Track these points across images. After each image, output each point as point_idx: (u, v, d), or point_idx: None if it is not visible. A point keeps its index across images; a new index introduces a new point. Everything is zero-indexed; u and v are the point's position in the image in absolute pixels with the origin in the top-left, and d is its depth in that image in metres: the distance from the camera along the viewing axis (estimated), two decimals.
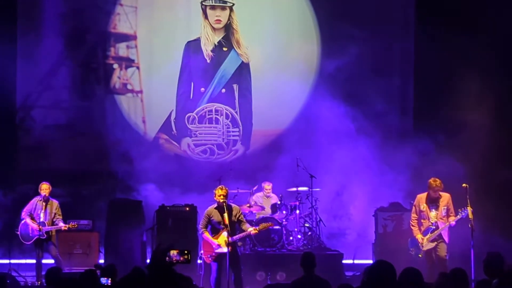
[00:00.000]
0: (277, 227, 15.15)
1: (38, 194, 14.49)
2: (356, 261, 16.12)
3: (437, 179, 13.33)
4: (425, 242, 13.32)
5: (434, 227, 13.29)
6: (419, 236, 13.37)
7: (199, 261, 14.57)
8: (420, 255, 13.36)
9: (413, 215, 13.58)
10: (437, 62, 16.98)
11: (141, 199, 16.12)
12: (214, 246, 12.48)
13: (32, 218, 14.25)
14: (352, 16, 17.81)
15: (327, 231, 16.12)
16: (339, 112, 16.84)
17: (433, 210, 13.36)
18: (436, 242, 13.30)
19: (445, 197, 13.37)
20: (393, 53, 18.25)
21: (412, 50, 18.08)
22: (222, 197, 12.49)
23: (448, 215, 13.29)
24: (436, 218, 13.30)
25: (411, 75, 18.15)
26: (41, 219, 14.20)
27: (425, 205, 13.42)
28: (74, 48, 17.92)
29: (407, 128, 17.69)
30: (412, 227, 13.57)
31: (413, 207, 13.65)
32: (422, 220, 13.44)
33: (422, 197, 13.54)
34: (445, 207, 13.32)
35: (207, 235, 12.61)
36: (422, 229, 13.41)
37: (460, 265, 10.43)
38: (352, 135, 16.64)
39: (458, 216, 13.13)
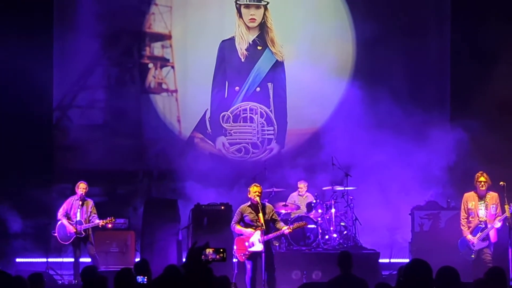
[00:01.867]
0: (312, 226, 15.14)
1: (74, 193, 14.59)
2: (392, 260, 16.05)
3: (484, 173, 13.19)
4: (476, 242, 13.15)
5: (483, 226, 13.13)
6: (469, 237, 13.21)
7: (234, 260, 14.59)
8: (472, 256, 13.19)
9: (463, 214, 13.40)
10: (474, 56, 16.85)
11: (176, 198, 16.18)
12: (247, 237, 12.43)
13: (69, 218, 14.36)
14: (387, 11, 17.74)
15: (363, 230, 16.03)
16: (374, 110, 16.77)
17: (482, 207, 13.20)
18: (487, 241, 13.14)
19: (493, 196, 13.24)
20: (429, 48, 18.13)
21: (448, 45, 17.95)
22: (257, 193, 12.48)
23: (496, 214, 13.12)
24: (485, 216, 13.15)
25: (447, 68, 18.01)
26: (78, 218, 14.30)
27: (473, 202, 13.26)
28: (109, 48, 18.04)
29: (444, 123, 17.48)
30: (462, 227, 13.39)
31: (462, 206, 13.47)
32: (470, 218, 13.28)
33: (469, 195, 13.40)
34: (494, 205, 13.16)
35: (239, 227, 12.58)
36: (471, 227, 13.24)
37: (499, 263, 10.37)
38: (387, 132, 16.49)
39: (504, 214, 12.98)
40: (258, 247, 12.35)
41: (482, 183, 13.13)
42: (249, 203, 12.69)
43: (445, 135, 16.77)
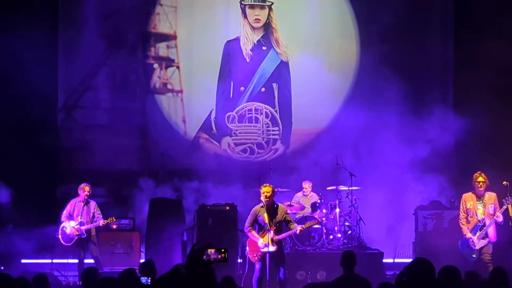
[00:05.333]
0: (317, 226, 15.14)
1: (78, 194, 14.63)
2: (396, 260, 16.05)
3: (482, 173, 13.22)
4: (476, 240, 13.16)
5: (481, 224, 13.15)
6: (469, 235, 13.22)
7: (239, 260, 14.61)
8: (474, 255, 13.18)
9: (461, 214, 13.43)
10: (478, 64, 16.80)
11: (182, 198, 16.20)
12: (260, 244, 12.45)
13: (72, 220, 14.39)
14: (390, 13, 17.73)
15: (367, 230, 16.04)
16: (378, 111, 16.75)
17: (480, 207, 13.22)
18: (487, 239, 13.15)
19: (492, 196, 13.27)
20: (432, 46, 18.12)
21: (452, 42, 17.98)
22: (265, 193, 12.47)
23: (495, 214, 13.14)
24: (484, 214, 13.16)
25: (451, 67, 18.03)
26: (80, 219, 14.33)
27: (471, 202, 13.29)
28: (114, 48, 18.06)
29: (447, 122, 17.43)
30: (461, 226, 13.41)
31: (460, 206, 13.52)
32: (469, 218, 13.31)
33: (468, 195, 13.43)
34: (492, 205, 13.20)
35: (253, 233, 12.58)
36: (470, 227, 13.26)
37: (502, 263, 10.37)
38: (392, 131, 16.52)
39: (503, 207, 13.00)
40: (271, 247, 12.38)
41: (481, 183, 13.17)
42: (262, 204, 12.70)
43: (448, 134, 16.78)
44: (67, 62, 17.91)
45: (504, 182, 13.15)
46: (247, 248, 12.81)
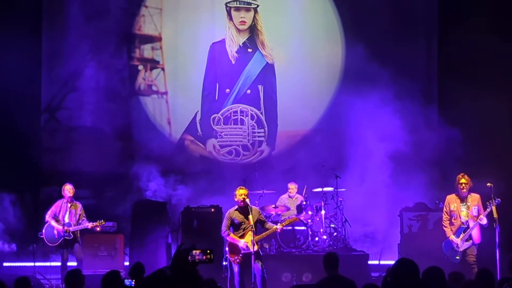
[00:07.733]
0: (302, 227, 15.14)
1: (62, 196, 14.51)
2: (382, 262, 16.05)
3: (465, 175, 13.24)
4: (460, 243, 13.16)
5: (465, 226, 13.15)
6: (452, 237, 13.23)
7: (224, 263, 14.56)
8: (457, 257, 13.18)
9: (444, 216, 13.46)
10: (462, 60, 16.82)
11: (166, 200, 16.15)
12: (241, 246, 12.41)
13: (57, 221, 14.28)
14: (376, 16, 17.76)
15: (353, 232, 16.03)
16: (364, 112, 16.73)
17: (464, 209, 13.24)
18: (471, 241, 13.16)
19: (475, 197, 13.27)
20: (417, 53, 18.14)
21: (436, 47, 17.99)
22: (243, 196, 12.46)
23: (478, 215, 13.14)
24: (467, 216, 13.17)
25: (435, 71, 18.06)
26: (66, 220, 14.22)
27: (455, 204, 13.31)
28: (99, 49, 17.96)
29: (432, 125, 17.48)
30: (444, 228, 13.44)
31: (444, 208, 13.54)
32: (453, 220, 13.33)
33: (451, 197, 13.45)
34: (476, 207, 13.19)
35: (232, 236, 12.56)
36: (454, 229, 13.27)
37: (486, 264, 10.36)
38: (376, 135, 16.52)
39: (487, 210, 13.00)
40: (251, 248, 12.36)
41: (463, 185, 13.20)
42: (236, 206, 12.68)
43: (434, 136, 16.81)
44: (51, 63, 17.81)
45: (488, 184, 13.14)
46: (227, 248, 12.78)
